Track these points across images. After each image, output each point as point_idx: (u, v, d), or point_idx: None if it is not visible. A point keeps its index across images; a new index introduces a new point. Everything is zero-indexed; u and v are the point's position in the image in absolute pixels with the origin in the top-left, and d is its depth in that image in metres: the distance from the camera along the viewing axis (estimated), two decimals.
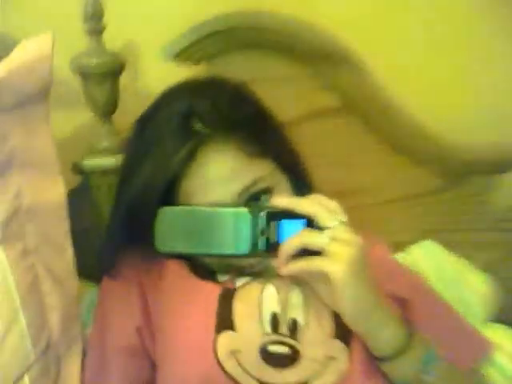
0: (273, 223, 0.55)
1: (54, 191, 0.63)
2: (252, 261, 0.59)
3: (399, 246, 0.85)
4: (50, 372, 0.63)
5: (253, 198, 0.58)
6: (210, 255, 0.58)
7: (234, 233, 0.55)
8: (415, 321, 0.58)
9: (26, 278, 0.60)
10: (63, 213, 0.64)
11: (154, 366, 0.60)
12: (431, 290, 0.70)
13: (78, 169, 0.78)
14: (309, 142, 0.72)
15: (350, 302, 0.52)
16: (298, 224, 0.55)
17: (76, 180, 0.80)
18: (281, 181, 0.62)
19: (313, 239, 0.53)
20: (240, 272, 0.60)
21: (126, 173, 0.62)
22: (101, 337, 0.62)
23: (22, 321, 0.58)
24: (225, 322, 0.56)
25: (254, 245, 0.54)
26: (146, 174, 0.57)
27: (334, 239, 0.52)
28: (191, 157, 0.57)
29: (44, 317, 0.62)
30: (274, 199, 0.56)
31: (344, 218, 0.54)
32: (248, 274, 0.60)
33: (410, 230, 0.86)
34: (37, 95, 0.62)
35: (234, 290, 0.59)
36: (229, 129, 0.58)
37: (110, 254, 0.62)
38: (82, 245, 0.64)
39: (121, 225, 0.60)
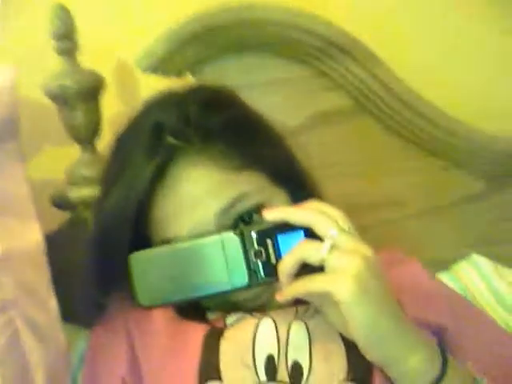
0: (269, 241, 0.53)
1: (30, 237, 0.65)
2: (254, 292, 0.57)
3: (439, 264, 0.83)
4: None
5: (242, 219, 0.57)
6: (204, 297, 0.56)
7: (226, 264, 0.54)
8: (460, 352, 0.56)
9: (4, 333, 0.62)
10: (41, 260, 0.66)
11: None
12: (480, 313, 0.68)
13: (62, 202, 0.80)
14: (318, 151, 0.72)
15: (362, 326, 0.49)
16: (296, 236, 0.53)
17: (58, 217, 0.82)
18: (275, 195, 0.60)
19: (310, 251, 0.50)
20: (239, 308, 0.59)
21: (98, 200, 0.63)
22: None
23: None
24: (209, 370, 0.54)
25: (253, 273, 0.53)
26: (114, 199, 0.58)
27: (335, 249, 0.50)
28: (161, 174, 0.56)
29: (26, 377, 0.64)
30: (264, 213, 0.54)
31: (348, 224, 0.52)
32: (250, 310, 0.59)
33: (448, 245, 0.84)
34: (3, 132, 0.65)
35: (223, 328, 0.57)
36: (203, 140, 0.57)
37: (90, 301, 0.62)
38: (73, 287, 0.65)
39: (94, 269, 0.60)
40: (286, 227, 0.53)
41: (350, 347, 0.54)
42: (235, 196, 0.57)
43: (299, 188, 0.63)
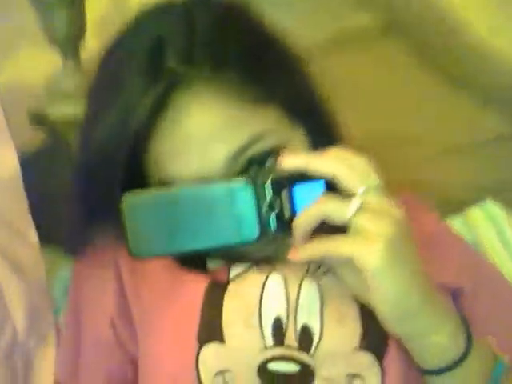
0: (284, 192, 0.49)
1: (5, 164, 0.61)
2: (262, 246, 0.52)
3: (453, 207, 0.80)
4: (17, 375, 0.63)
5: (254, 164, 0.52)
6: (206, 250, 0.52)
7: (233, 215, 0.49)
8: (475, 319, 0.53)
9: None
10: (18, 188, 0.62)
11: (136, 362, 0.58)
12: (497, 274, 0.65)
13: (40, 119, 0.74)
14: (338, 78, 0.65)
15: (389, 298, 0.46)
16: (316, 188, 0.49)
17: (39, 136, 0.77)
18: (293, 136, 0.54)
19: (334, 208, 0.47)
20: (242, 257, 0.55)
21: (85, 125, 0.56)
22: (74, 329, 0.61)
23: None
24: (210, 329, 0.51)
25: (264, 225, 0.49)
26: (108, 125, 0.51)
27: (363, 210, 0.46)
28: (163, 104, 0.49)
29: (3, 314, 0.62)
30: (281, 160, 0.50)
31: (377, 181, 0.48)
32: (252, 261, 0.55)
33: (466, 187, 0.80)
34: None
35: (227, 282, 0.54)
36: (215, 65, 0.51)
37: (74, 231, 0.58)
38: (56, 208, 0.60)
39: (81, 200, 0.55)
40: (305, 177, 0.49)
41: (365, 311, 0.51)
42: (250, 136, 0.51)
43: (319, 126, 0.57)
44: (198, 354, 0.51)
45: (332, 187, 0.48)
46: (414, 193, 0.68)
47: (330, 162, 0.48)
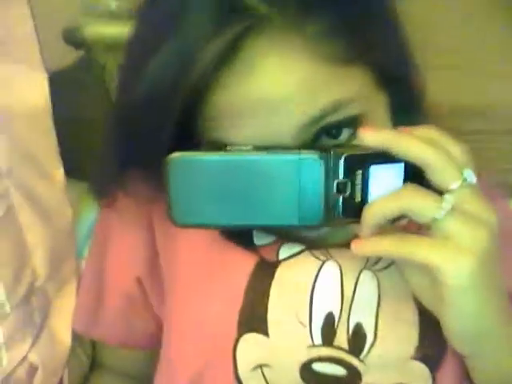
0: (358, 173, 0.42)
1: (35, 92, 0.54)
2: (321, 230, 0.46)
3: None
4: (33, 321, 0.61)
5: (327, 135, 0.44)
6: (259, 227, 0.46)
7: (298, 192, 0.42)
8: None
9: None
10: (47, 121, 0.56)
11: (159, 322, 0.54)
12: None
13: (73, 39, 0.66)
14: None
15: (464, 317, 0.40)
16: (394, 173, 0.42)
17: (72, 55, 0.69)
18: (378, 107, 0.46)
19: (422, 205, 0.39)
20: (291, 236, 0.49)
21: (132, 57, 0.47)
22: (96, 277, 0.57)
23: None
24: (253, 319, 0.46)
25: (329, 209, 0.42)
26: (159, 67, 0.42)
27: (455, 211, 0.39)
28: (234, 50, 0.40)
29: (23, 259, 0.58)
30: (362, 134, 0.42)
31: (474, 178, 0.41)
32: (304, 241, 0.49)
33: None
34: None
35: (275, 265, 0.48)
36: (300, 11, 0.41)
37: (107, 173, 0.50)
38: (85, 139, 0.56)
39: (118, 141, 0.47)
40: (383, 158, 0.41)
41: (425, 317, 0.46)
42: (331, 103, 0.42)
43: (408, 98, 0.49)
44: (237, 341, 0.46)
45: (414, 173, 0.41)
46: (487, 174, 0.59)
47: (423, 146, 0.40)
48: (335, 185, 0.42)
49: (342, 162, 0.41)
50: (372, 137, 0.41)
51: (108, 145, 0.49)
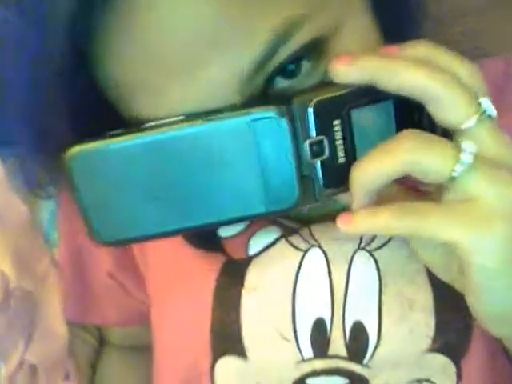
0: (336, 124, 0.30)
1: None
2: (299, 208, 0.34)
3: None
4: (20, 323, 0.57)
5: (279, 75, 0.31)
6: (211, 226, 0.33)
7: (257, 169, 0.30)
8: None
9: None
10: None
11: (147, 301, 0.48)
12: None
13: None
14: None
15: (495, 301, 0.30)
16: (385, 114, 0.30)
17: None
18: (356, 15, 0.32)
19: (433, 161, 0.28)
20: (261, 219, 0.37)
21: None
22: (73, 264, 0.52)
23: None
24: (225, 339, 0.38)
25: (305, 182, 0.31)
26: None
27: (477, 163, 0.28)
28: None
29: None
30: (332, 67, 0.29)
31: (492, 106, 0.29)
32: (279, 224, 0.39)
33: None
34: None
35: (247, 261, 0.39)
36: None
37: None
38: None
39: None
40: (367, 95, 0.30)
41: (442, 294, 0.37)
42: (279, 26, 0.28)
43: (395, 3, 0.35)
44: (212, 368, 0.39)
45: (401, 113, 0.30)
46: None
47: (423, 72, 0.28)
48: (307, 146, 0.30)
49: (310, 112, 0.30)
50: (348, 69, 0.29)
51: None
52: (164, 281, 0.43)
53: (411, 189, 0.33)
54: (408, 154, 0.28)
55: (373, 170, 0.29)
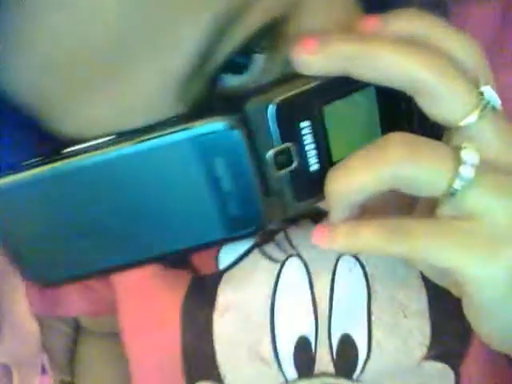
0: (304, 126, 0.25)
1: None
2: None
3: None
4: None
5: (226, 72, 0.24)
6: (165, 257, 0.28)
7: (213, 189, 0.25)
8: None
9: None
10: None
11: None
12: None
13: None
14: None
15: (507, 327, 0.26)
16: (370, 103, 0.25)
17: None
18: None
19: (428, 173, 0.23)
20: None
21: None
22: None
23: None
24: (199, 363, 0.35)
25: (271, 199, 0.26)
26: None
27: (481, 170, 0.23)
28: None
29: None
30: (294, 58, 0.23)
31: (496, 96, 0.24)
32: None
33: None
34: None
35: (217, 277, 0.35)
36: None
37: None
38: None
39: None
40: (341, 86, 0.24)
41: (437, 297, 0.34)
42: (217, 15, 0.22)
43: None
44: None
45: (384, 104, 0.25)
46: None
47: (411, 55, 0.23)
48: (271, 157, 0.25)
49: (271, 116, 0.24)
50: (314, 58, 0.23)
51: None
52: (130, 302, 0.39)
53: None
54: (395, 166, 0.23)
55: (350, 183, 0.23)
